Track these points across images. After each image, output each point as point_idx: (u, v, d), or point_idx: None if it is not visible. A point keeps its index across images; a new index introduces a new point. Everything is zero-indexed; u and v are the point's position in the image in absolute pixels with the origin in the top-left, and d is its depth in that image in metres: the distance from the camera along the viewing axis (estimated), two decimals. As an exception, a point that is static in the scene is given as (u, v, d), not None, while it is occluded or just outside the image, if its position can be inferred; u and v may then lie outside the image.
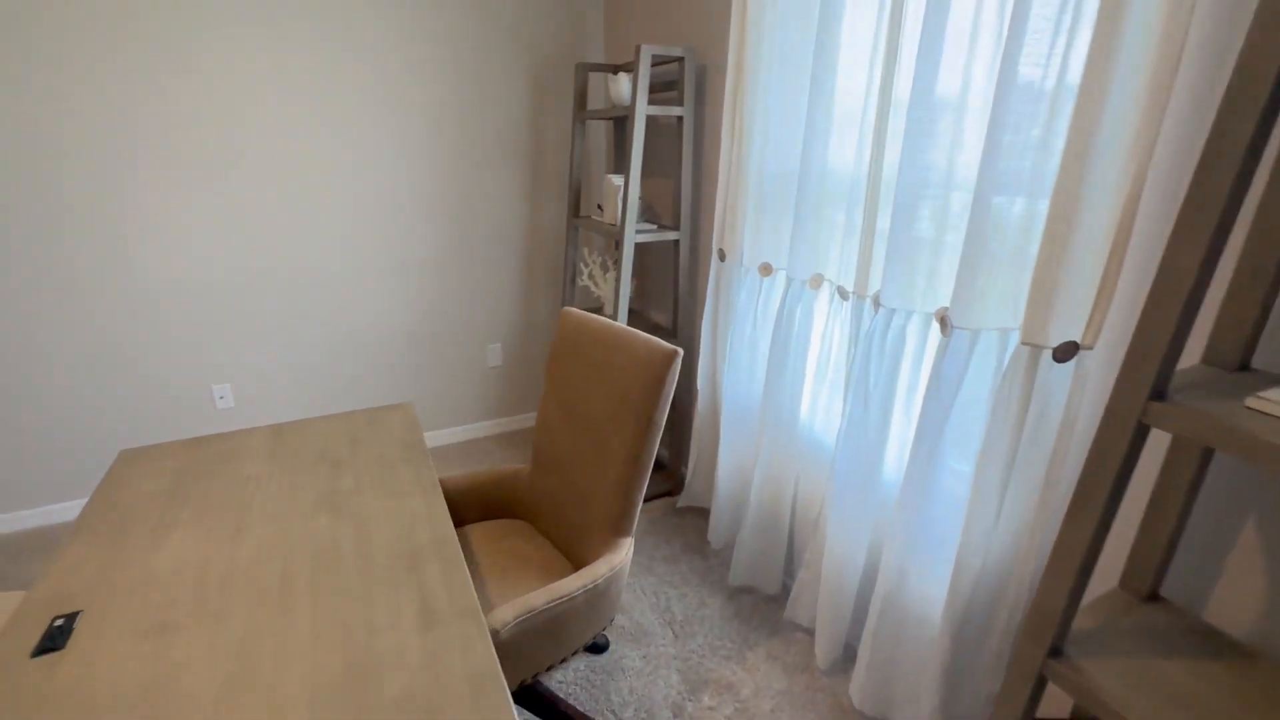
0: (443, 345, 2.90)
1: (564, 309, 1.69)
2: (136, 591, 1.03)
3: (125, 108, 2.11)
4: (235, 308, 2.47)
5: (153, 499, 1.30)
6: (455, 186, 2.68)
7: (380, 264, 2.65)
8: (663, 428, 1.41)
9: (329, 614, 0.98)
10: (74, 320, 2.24)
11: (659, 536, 2.35)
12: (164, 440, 2.51)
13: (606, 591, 1.36)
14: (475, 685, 0.86)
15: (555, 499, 1.61)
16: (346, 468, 1.43)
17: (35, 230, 2.11)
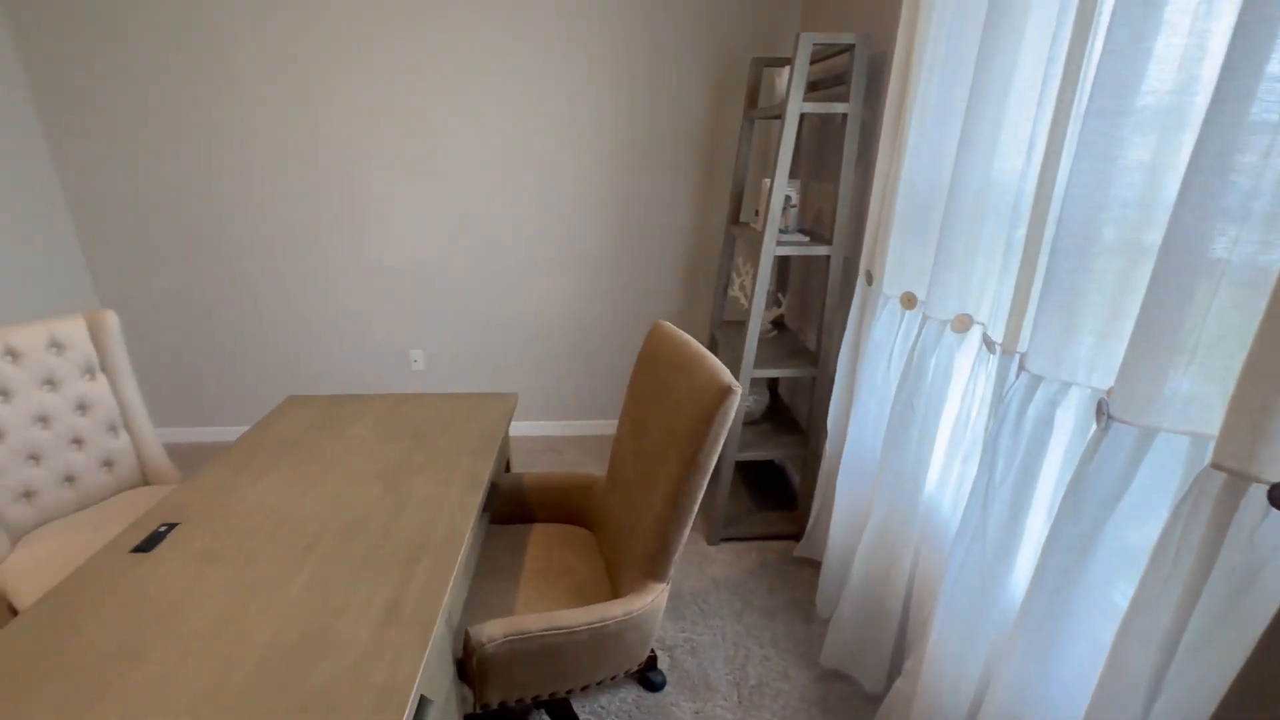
0: (594, 340, 2.99)
1: (657, 321, 1.59)
2: (216, 520, 1.23)
3: (366, 115, 2.56)
4: (433, 284, 2.86)
5: (279, 442, 1.55)
6: (625, 186, 2.72)
7: (551, 256, 2.83)
8: (708, 472, 1.23)
9: (319, 585, 1.06)
10: (321, 286, 2.82)
11: (763, 583, 2.12)
12: (369, 391, 3.03)
13: (619, 636, 1.25)
14: (382, 697, 0.84)
15: (615, 519, 1.54)
16: (423, 447, 1.54)
17: (303, 212, 2.70)
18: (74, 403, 1.73)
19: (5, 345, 1.61)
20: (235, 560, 1.11)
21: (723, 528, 2.32)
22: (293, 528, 1.21)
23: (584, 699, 1.67)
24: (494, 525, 1.70)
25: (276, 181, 2.64)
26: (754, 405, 2.35)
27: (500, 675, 1.17)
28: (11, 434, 1.61)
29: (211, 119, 2.53)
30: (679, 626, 1.93)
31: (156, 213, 2.66)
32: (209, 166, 2.60)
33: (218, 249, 2.73)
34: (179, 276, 2.77)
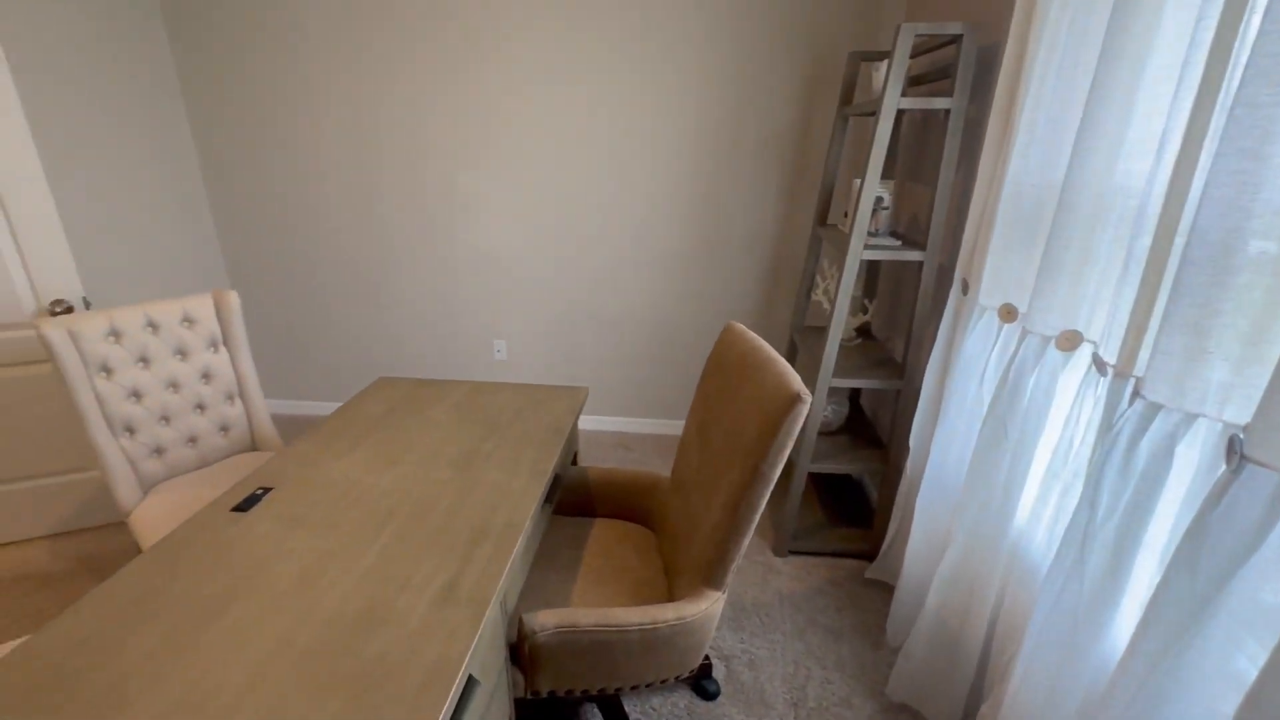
0: (671, 339, 2.98)
1: (730, 322, 1.55)
2: (305, 489, 1.33)
3: (464, 115, 2.68)
4: (518, 277, 2.95)
5: (367, 420, 1.66)
6: (711, 185, 2.68)
7: (633, 253, 2.84)
8: (771, 482, 1.19)
9: (388, 559, 1.11)
10: (416, 276, 2.99)
11: (830, 601, 2.02)
12: (455, 377, 3.18)
13: (671, 640, 1.23)
14: (430, 675, 0.87)
15: (677, 521, 1.52)
16: (495, 435, 1.59)
17: (403, 207, 2.87)
18: (200, 372, 1.93)
19: (147, 318, 1.82)
20: (317, 527, 1.19)
21: (791, 540, 2.24)
22: (371, 502, 1.28)
23: (635, 699, 1.67)
24: (556, 516, 1.73)
25: (381, 177, 2.82)
26: (832, 415, 2.25)
27: (550, 664, 1.19)
28: (149, 396, 1.82)
29: (330, 121, 2.74)
30: (738, 637, 1.88)
31: (277, 205, 2.92)
32: (323, 165, 2.82)
33: (326, 238, 2.96)
34: (292, 263, 3.03)
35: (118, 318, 1.76)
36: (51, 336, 1.62)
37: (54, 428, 2.19)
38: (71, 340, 1.66)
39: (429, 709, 0.82)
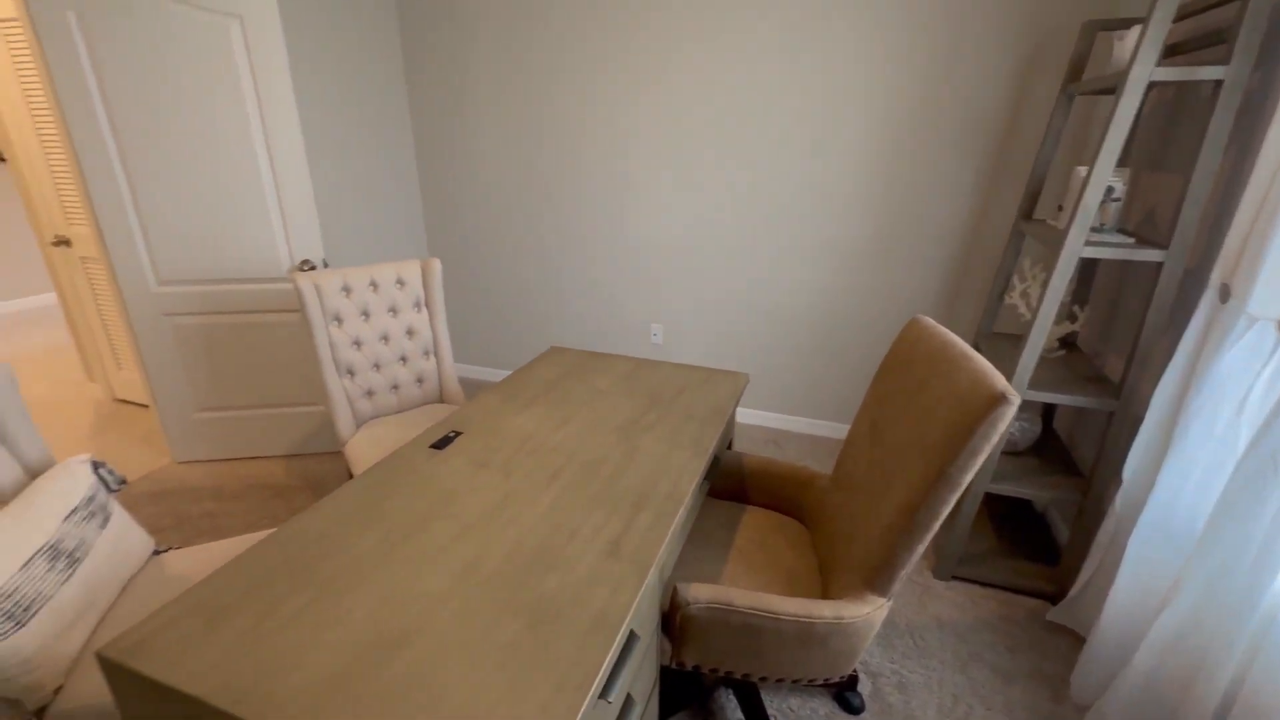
0: (837, 336, 2.83)
1: (915, 316, 1.44)
2: (489, 435, 1.46)
3: (627, 103, 2.76)
4: (681, 263, 2.99)
5: (541, 383, 1.78)
6: (897, 174, 2.50)
7: (803, 243, 2.74)
8: (959, 487, 1.08)
9: (559, 508, 1.18)
10: (584, 256, 3.15)
11: (1000, 639, 1.81)
12: (614, 355, 3.31)
13: (825, 639, 1.17)
14: (596, 621, 0.91)
15: (837, 520, 1.44)
16: (656, 408, 1.62)
17: (576, 190, 3.03)
18: (406, 328, 2.20)
19: (371, 278, 2.11)
20: (499, 470, 1.31)
21: (956, 564, 2.03)
22: (544, 455, 1.37)
23: (774, 695, 1.62)
24: (710, 498, 1.73)
25: (561, 164, 3.00)
26: (1019, 433, 2.00)
27: (699, 638, 1.19)
28: (366, 345, 2.11)
29: (519, 112, 2.97)
30: (888, 656, 1.75)
31: (472, 187, 3.23)
32: (511, 152, 3.07)
33: (509, 218, 3.22)
34: (478, 240, 3.34)
35: (349, 276, 2.07)
36: (303, 287, 1.94)
37: (292, 367, 2.63)
38: (316, 292, 1.98)
39: (595, 651, 0.86)
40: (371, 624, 0.90)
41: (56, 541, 1.17)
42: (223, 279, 2.43)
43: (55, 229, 2.93)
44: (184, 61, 2.15)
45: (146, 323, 2.44)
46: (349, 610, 0.92)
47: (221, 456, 2.72)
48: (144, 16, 2.07)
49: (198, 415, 2.63)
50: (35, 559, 1.11)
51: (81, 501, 1.26)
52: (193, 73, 2.17)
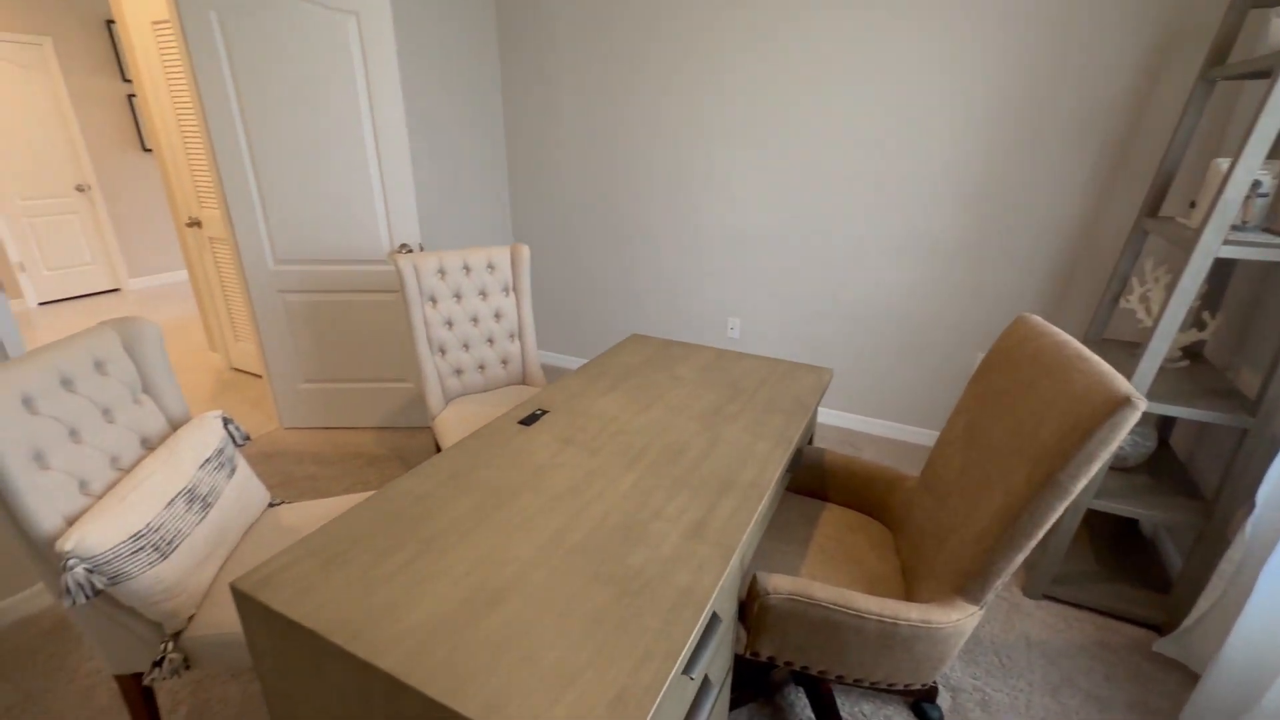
0: (925, 339, 2.71)
1: (1022, 314, 1.36)
2: (574, 415, 1.50)
3: (709, 94, 2.74)
4: (762, 256, 2.95)
5: (622, 368, 1.81)
6: (1000, 168, 2.36)
7: (891, 241, 2.64)
8: (1068, 495, 1.01)
9: (643, 489, 1.20)
10: (663, 247, 3.17)
11: (1098, 666, 1.69)
12: (689, 347, 3.31)
13: (909, 643, 1.13)
14: (681, 598, 0.92)
15: (924, 523, 1.39)
16: (739, 398, 1.61)
17: (658, 183, 3.04)
18: (494, 311, 2.29)
19: (464, 261, 2.21)
20: (584, 449, 1.34)
21: (1050, 583, 1.91)
22: (627, 437, 1.40)
23: (847, 697, 1.59)
24: (788, 492, 1.71)
25: (647, 155, 3.03)
26: (1130, 448, 1.85)
27: (776, 629, 1.18)
28: (457, 326, 2.22)
29: (605, 103, 3.01)
30: (969, 671, 1.67)
31: (557, 175, 3.31)
32: (596, 143, 3.11)
33: (592, 208, 3.28)
34: (561, 228, 3.42)
35: (444, 259, 2.17)
36: (404, 267, 2.06)
37: (386, 346, 2.79)
38: (415, 272, 2.09)
39: (680, 627, 0.87)
40: (469, 581, 0.95)
41: (193, 486, 1.30)
42: (329, 259, 2.61)
43: (190, 211, 3.24)
44: (306, 56, 2.32)
45: (263, 298, 2.66)
46: (448, 567, 0.98)
47: (322, 425, 2.93)
48: (274, 13, 2.26)
49: (303, 385, 2.84)
50: (177, 499, 1.24)
51: (214, 452, 1.40)
52: (312, 66, 2.34)
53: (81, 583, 1.04)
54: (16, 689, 1.58)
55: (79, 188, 5.00)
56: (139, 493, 1.18)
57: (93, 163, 5.01)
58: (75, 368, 1.24)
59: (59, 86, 4.75)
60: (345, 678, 0.85)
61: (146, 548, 1.14)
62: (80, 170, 4.98)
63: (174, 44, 2.81)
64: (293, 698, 0.97)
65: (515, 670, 0.80)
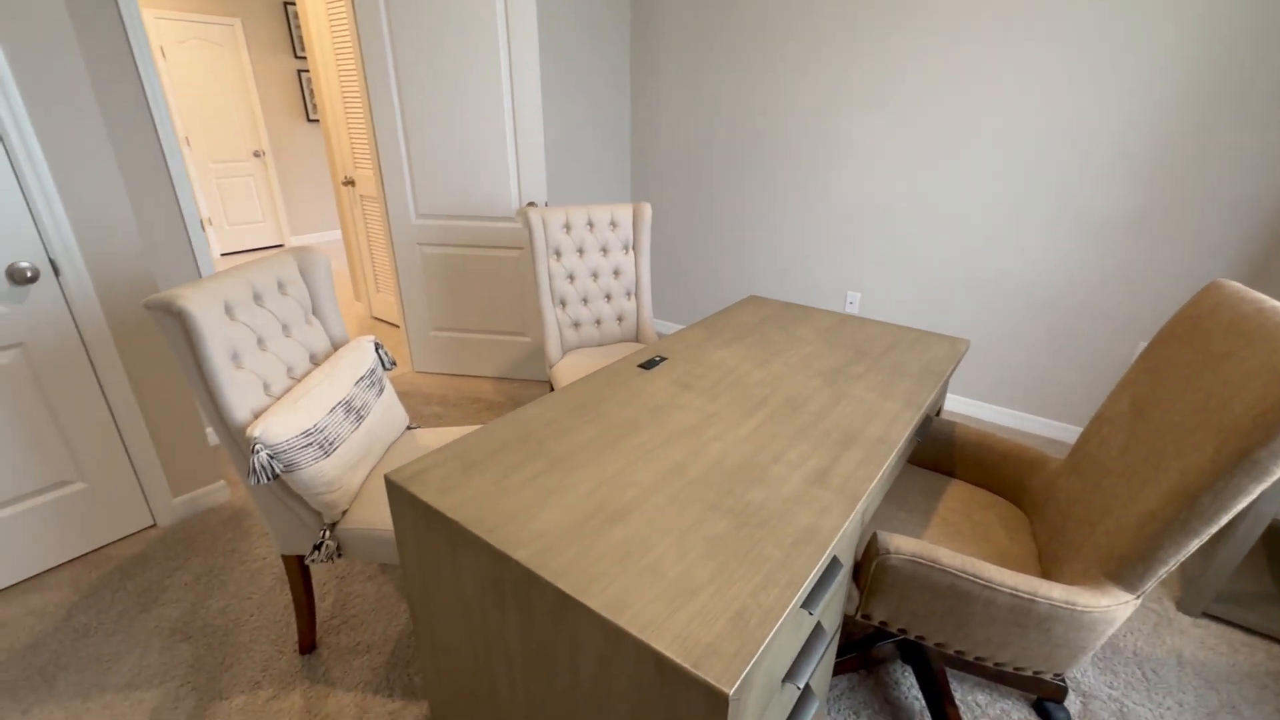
0: (1073, 325, 2.45)
1: (1217, 280, 1.18)
2: (691, 364, 1.51)
3: (841, 61, 2.58)
4: (885, 227, 2.79)
5: (740, 325, 1.79)
6: (1183, 137, 2.06)
7: (1040, 214, 2.40)
8: (1266, 477, 0.88)
9: (763, 435, 1.19)
10: (784, 216, 3.07)
11: (1269, 697, 1.47)
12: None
13: (1045, 624, 1.05)
14: (803, 536, 0.91)
15: (1070, 506, 1.27)
16: (865, 360, 1.55)
17: (785, 151, 2.94)
18: (613, 268, 2.34)
19: (588, 217, 2.27)
20: (703, 393, 1.35)
21: (1212, 600, 1.68)
22: (745, 388, 1.39)
23: (960, 684, 1.50)
24: (911, 464, 1.62)
25: (768, 124, 2.93)
26: (1338, 456, 1.57)
27: (893, 593, 1.13)
28: (578, 280, 2.29)
29: (728, 70, 2.94)
30: (1105, 680, 1.52)
31: (678, 139, 3.30)
32: (718, 106, 3.06)
33: (713, 172, 3.24)
34: (681, 191, 3.41)
35: (570, 213, 2.24)
36: (533, 219, 2.15)
37: (508, 300, 2.94)
38: (543, 225, 2.18)
39: (801, 563, 0.86)
40: (593, 498, 0.99)
41: (350, 399, 1.45)
42: (464, 215, 2.79)
43: (346, 171, 3.58)
44: (456, 29, 2.46)
45: (405, 249, 2.89)
46: (574, 484, 1.02)
47: (447, 371, 3.16)
48: (431, -19, 2.41)
49: (433, 333, 3.07)
50: (337, 408, 1.39)
51: (367, 371, 1.55)
52: (461, 39, 2.47)
53: (265, 465, 1.20)
54: (203, 562, 1.87)
55: (256, 153, 5.67)
56: (309, 398, 1.34)
57: (268, 131, 5.65)
58: (264, 285, 1.42)
59: (245, 63, 5.38)
60: (480, 566, 0.92)
61: (313, 445, 1.29)
62: (258, 137, 5.64)
63: (344, 22, 3.08)
64: (428, 586, 1.07)
65: (639, 578, 0.82)
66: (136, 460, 1.92)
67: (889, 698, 1.47)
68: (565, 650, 0.85)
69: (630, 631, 0.74)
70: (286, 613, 1.69)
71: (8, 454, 1.69)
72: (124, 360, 1.84)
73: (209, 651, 1.57)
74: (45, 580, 1.80)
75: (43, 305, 1.67)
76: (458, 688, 1.14)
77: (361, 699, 1.45)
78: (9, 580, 1.76)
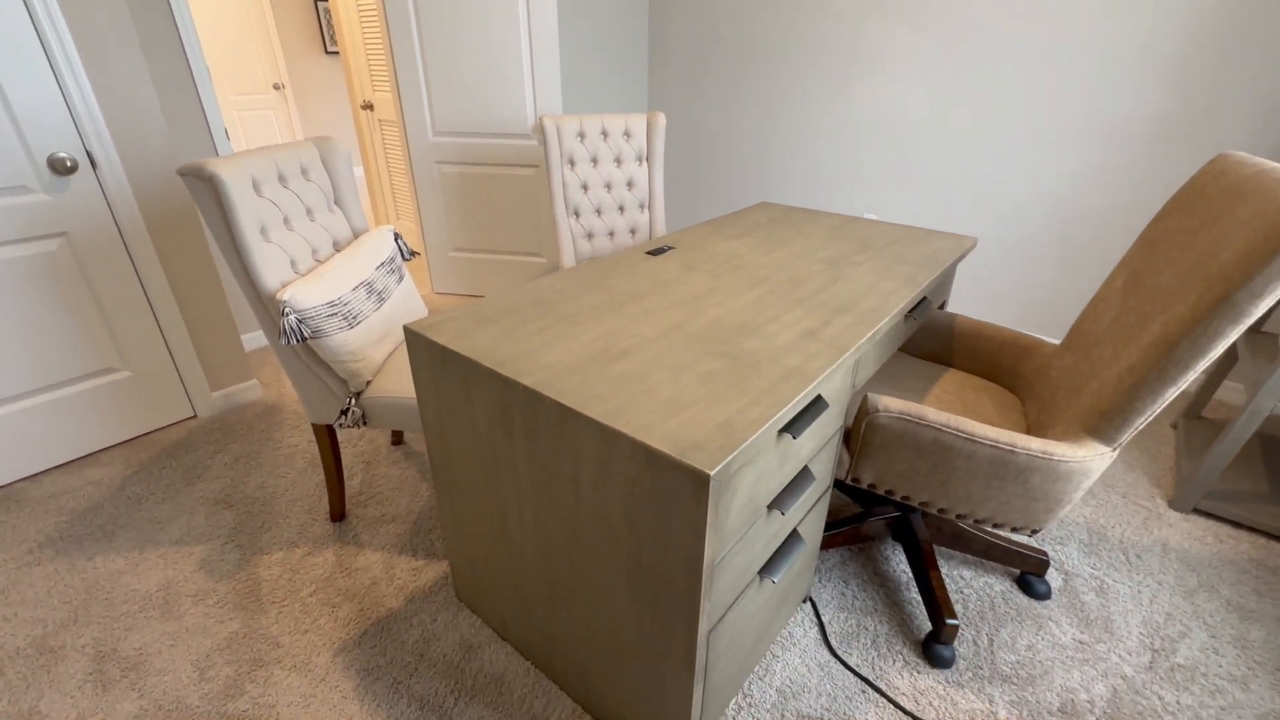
0: (1091, 238, 2.42)
1: (1222, 152, 1.18)
2: (698, 252, 1.55)
3: (901, -46, 2.49)
4: (905, 144, 2.74)
5: (749, 223, 1.82)
6: (1210, 35, 1.98)
7: (1064, 126, 2.34)
8: (1243, 319, 0.91)
9: (761, 304, 1.24)
10: (805, 129, 3.03)
11: (1246, 579, 1.53)
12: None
13: (1024, 474, 1.11)
14: (791, 372, 0.97)
15: (1061, 380, 1.31)
16: (868, 250, 1.57)
17: (807, 58, 2.88)
18: (627, 180, 2.36)
19: (603, 126, 2.28)
20: (707, 273, 1.40)
21: (1203, 496, 1.73)
22: (750, 270, 1.43)
23: (949, 561, 1.58)
24: (909, 355, 1.66)
25: (796, 27, 2.86)
26: (1342, 353, 1.58)
27: (882, 452, 1.20)
28: (592, 190, 2.32)
29: (762, -28, 2.86)
30: (1089, 561, 1.59)
31: (698, 44, 3.24)
32: (742, 19, 2.98)
33: (736, 80, 3.19)
34: (699, 101, 3.37)
35: (585, 122, 2.25)
36: (548, 126, 2.17)
37: (523, 220, 2.98)
38: (557, 133, 2.19)
39: (786, 392, 0.92)
40: (597, 344, 1.05)
41: (371, 281, 1.53)
42: (480, 132, 2.80)
43: (364, 95, 3.59)
44: (470, -77, 2.42)
45: (423, 167, 2.92)
46: (580, 335, 1.09)
47: (464, 292, 3.24)
48: (444, -120, 2.36)
49: (452, 254, 3.14)
50: (359, 287, 1.47)
51: (387, 258, 1.62)
52: (476, -66, 2.44)
53: (294, 327, 1.29)
54: (241, 447, 2.01)
55: (275, 86, 5.66)
56: (334, 273, 1.41)
57: (286, 64, 5.63)
58: (288, 167, 1.48)
59: (261, -9, 5.32)
60: (491, 395, 1.00)
61: (338, 316, 1.37)
62: (276, 70, 5.63)
63: (356, -72, 3.04)
64: (445, 429, 1.16)
65: (635, 398, 0.89)
66: (176, 354, 2.04)
67: (878, 570, 1.56)
68: (568, 464, 0.93)
69: (625, 432, 0.82)
70: (318, 489, 1.82)
71: (58, 340, 1.81)
72: (159, 255, 1.93)
73: (249, 517, 1.71)
74: (100, 458, 1.95)
75: (82, 197, 1.76)
76: (473, 534, 1.25)
77: (388, 558, 1.58)
78: (68, 456, 1.92)
